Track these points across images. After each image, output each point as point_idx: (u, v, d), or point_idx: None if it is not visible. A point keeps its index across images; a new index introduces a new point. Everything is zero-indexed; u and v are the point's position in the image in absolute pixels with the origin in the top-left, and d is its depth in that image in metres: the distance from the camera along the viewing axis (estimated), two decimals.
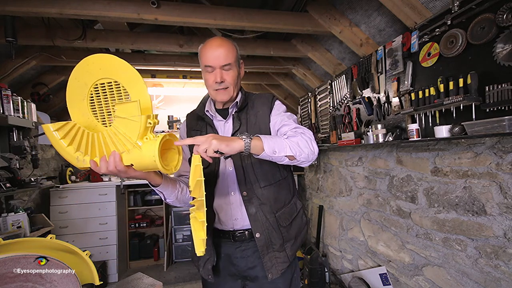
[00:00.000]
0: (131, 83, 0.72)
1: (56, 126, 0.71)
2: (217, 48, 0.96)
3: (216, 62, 0.96)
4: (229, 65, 0.98)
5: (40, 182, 2.25)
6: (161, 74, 3.24)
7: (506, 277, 1.27)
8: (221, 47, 0.97)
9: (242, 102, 1.07)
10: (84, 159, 0.72)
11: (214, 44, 0.97)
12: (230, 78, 1.00)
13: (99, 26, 2.37)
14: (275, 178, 1.05)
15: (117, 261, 2.96)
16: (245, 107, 1.09)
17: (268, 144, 0.83)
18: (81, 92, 0.72)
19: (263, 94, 1.14)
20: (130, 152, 0.71)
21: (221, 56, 0.96)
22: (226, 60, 0.97)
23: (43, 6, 1.67)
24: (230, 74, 1.00)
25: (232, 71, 1.00)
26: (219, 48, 0.96)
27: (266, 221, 1.00)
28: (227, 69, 0.98)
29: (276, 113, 1.07)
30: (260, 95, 1.14)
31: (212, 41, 0.99)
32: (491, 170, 1.31)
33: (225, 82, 0.99)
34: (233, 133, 1.04)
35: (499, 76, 1.16)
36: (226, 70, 0.99)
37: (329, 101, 2.67)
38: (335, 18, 1.98)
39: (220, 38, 1.00)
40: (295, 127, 0.99)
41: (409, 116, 1.66)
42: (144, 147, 0.70)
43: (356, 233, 2.46)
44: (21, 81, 2.58)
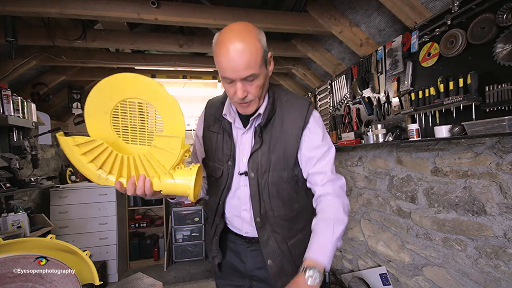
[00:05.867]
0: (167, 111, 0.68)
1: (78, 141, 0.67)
2: (236, 57, 0.73)
3: (236, 75, 0.76)
4: (252, 75, 0.77)
5: (40, 182, 2.25)
6: (161, 74, 3.24)
7: (506, 277, 1.27)
8: (241, 54, 0.73)
9: (268, 113, 0.88)
10: (108, 178, 0.70)
11: (232, 50, 0.73)
12: (255, 90, 0.80)
13: (99, 26, 2.37)
14: (293, 209, 0.94)
15: (117, 261, 2.96)
16: (271, 119, 0.90)
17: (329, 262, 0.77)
18: (105, 105, 0.69)
19: (296, 102, 0.92)
20: (161, 179, 0.70)
21: (242, 67, 0.74)
22: (248, 70, 0.75)
23: (43, 6, 1.67)
24: (254, 84, 0.79)
25: (257, 80, 0.79)
26: (239, 57, 0.73)
27: (278, 249, 0.92)
28: (251, 79, 0.78)
29: (310, 139, 0.89)
30: (293, 104, 0.91)
31: (228, 42, 0.74)
32: (491, 170, 1.31)
33: (249, 96, 0.81)
34: (252, 152, 0.90)
35: (499, 76, 1.16)
36: (250, 81, 0.79)
37: (329, 101, 2.67)
38: (335, 18, 1.98)
39: (239, 35, 0.74)
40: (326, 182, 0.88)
41: (409, 116, 1.66)
42: (177, 177, 0.70)
43: (356, 233, 2.46)
44: (21, 81, 2.58)
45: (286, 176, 0.91)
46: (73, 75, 2.91)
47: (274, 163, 0.90)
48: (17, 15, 1.77)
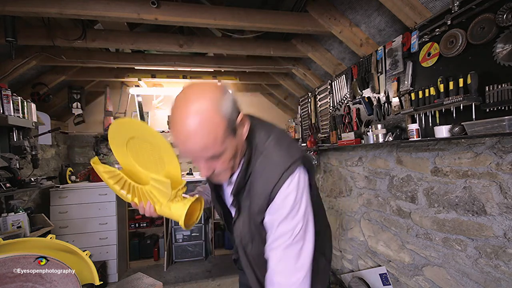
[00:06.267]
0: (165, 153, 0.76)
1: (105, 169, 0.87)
2: (186, 142, 0.63)
3: (193, 158, 0.69)
4: (213, 156, 0.68)
5: (40, 182, 2.25)
6: (161, 74, 3.24)
7: (506, 277, 1.27)
8: (192, 137, 0.62)
9: (239, 182, 0.77)
10: (127, 197, 0.89)
11: (183, 132, 0.63)
12: (222, 165, 0.71)
13: (99, 26, 2.37)
14: None
15: (117, 261, 2.96)
16: (243, 186, 0.79)
17: None
18: (120, 139, 0.82)
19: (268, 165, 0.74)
20: (161, 206, 0.85)
21: (197, 151, 0.65)
22: (206, 152, 0.66)
23: (43, 6, 1.67)
24: (220, 160, 0.70)
25: (224, 155, 0.69)
26: (189, 141, 0.63)
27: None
28: (214, 159, 0.69)
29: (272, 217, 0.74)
30: (264, 166, 0.74)
31: (179, 121, 0.63)
32: (491, 170, 1.31)
33: (216, 171, 0.73)
34: (233, 222, 0.85)
35: (499, 76, 1.16)
36: (213, 160, 0.69)
37: (329, 101, 2.67)
38: (335, 18, 1.98)
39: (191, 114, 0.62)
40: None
41: (409, 116, 1.66)
42: (173, 208, 0.83)
43: (356, 233, 2.46)
44: (21, 81, 2.58)
45: None
46: (73, 75, 2.91)
47: (255, 233, 0.80)
48: (17, 15, 1.77)
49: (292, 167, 0.72)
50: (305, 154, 0.79)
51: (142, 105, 3.60)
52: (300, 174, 0.73)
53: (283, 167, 0.71)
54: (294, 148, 0.77)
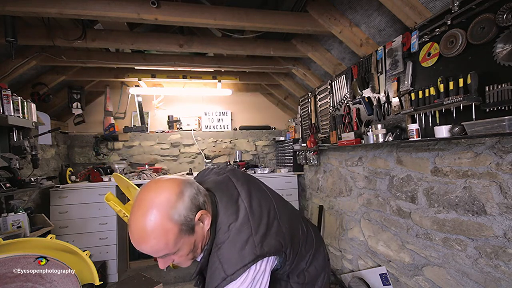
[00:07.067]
0: None
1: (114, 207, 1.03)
2: (139, 245, 0.68)
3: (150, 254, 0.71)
4: (168, 254, 0.71)
5: (40, 182, 2.25)
6: (161, 74, 3.24)
7: (506, 277, 1.27)
8: (143, 243, 0.67)
9: (201, 267, 0.82)
10: None
11: (133, 239, 0.68)
12: (180, 259, 0.75)
13: (99, 26, 2.37)
14: None
15: (117, 261, 2.96)
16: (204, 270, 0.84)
17: None
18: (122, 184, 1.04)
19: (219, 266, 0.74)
20: None
21: (150, 252, 0.69)
22: (159, 253, 0.70)
23: (43, 6, 1.67)
24: (177, 255, 0.74)
25: (180, 251, 0.73)
26: (142, 246, 0.68)
27: None
28: (170, 255, 0.73)
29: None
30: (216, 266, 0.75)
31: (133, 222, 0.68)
32: (491, 170, 1.31)
33: (175, 262, 0.77)
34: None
35: (499, 76, 1.16)
36: (169, 256, 0.73)
37: (329, 101, 2.67)
38: (335, 18, 1.98)
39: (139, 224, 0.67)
40: None
41: (409, 116, 1.66)
42: None
43: (356, 233, 2.46)
44: (21, 81, 2.58)
45: None
46: (73, 75, 2.91)
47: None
48: (17, 15, 1.77)
49: (236, 274, 0.72)
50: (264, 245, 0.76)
51: (142, 105, 3.60)
52: (250, 273, 0.74)
53: (226, 273, 0.72)
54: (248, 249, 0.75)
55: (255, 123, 4.10)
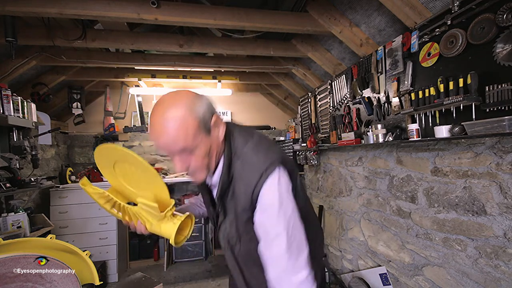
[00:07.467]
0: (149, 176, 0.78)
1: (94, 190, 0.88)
2: (159, 137, 0.70)
3: (167, 151, 0.73)
4: (185, 149, 0.72)
5: (40, 182, 2.25)
6: (161, 74, 3.24)
7: (506, 277, 1.27)
8: (164, 133, 0.69)
9: (222, 184, 0.80)
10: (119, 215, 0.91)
11: (155, 129, 0.71)
12: (195, 162, 0.75)
13: (99, 26, 2.37)
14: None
15: (117, 261, 2.96)
16: (227, 188, 0.81)
17: None
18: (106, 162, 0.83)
19: (248, 166, 0.77)
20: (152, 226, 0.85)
21: (168, 145, 0.71)
22: (177, 146, 0.71)
23: (43, 6, 1.67)
24: (193, 158, 0.74)
25: (197, 151, 0.73)
26: (162, 137, 0.70)
27: None
28: (187, 154, 0.73)
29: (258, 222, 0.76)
30: (244, 168, 0.78)
31: (153, 118, 0.71)
32: (491, 170, 1.31)
33: (190, 167, 0.76)
34: (219, 225, 0.88)
35: (499, 76, 1.16)
36: (186, 155, 0.74)
37: (329, 101, 2.67)
38: (335, 18, 1.98)
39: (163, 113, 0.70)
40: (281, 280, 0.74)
41: (409, 116, 1.66)
42: (163, 228, 0.84)
43: (356, 233, 2.46)
44: (21, 81, 2.58)
45: (256, 246, 0.80)
46: (73, 75, 2.91)
47: (243, 232, 0.82)
48: (17, 15, 1.77)
49: (271, 168, 0.74)
50: (285, 156, 0.82)
51: (142, 105, 3.60)
52: (280, 174, 0.76)
53: (262, 168, 0.74)
54: (272, 151, 0.80)
55: (255, 123, 4.10)
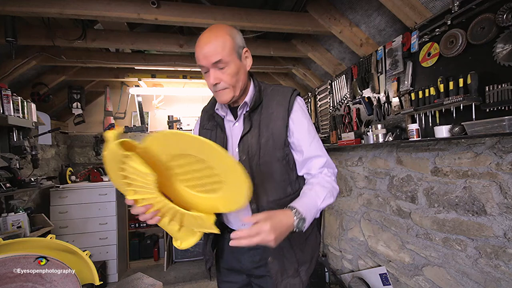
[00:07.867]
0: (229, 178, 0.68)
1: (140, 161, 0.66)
2: (204, 46, 0.84)
3: (206, 61, 0.84)
4: (221, 62, 0.84)
5: (40, 182, 2.25)
6: (161, 74, 3.24)
7: (506, 277, 1.27)
8: (209, 43, 0.83)
9: (255, 101, 0.93)
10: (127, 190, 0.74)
11: (202, 41, 0.85)
12: (226, 77, 0.86)
13: (99, 26, 2.37)
14: (286, 192, 0.94)
15: (117, 261, 2.96)
16: (258, 105, 0.95)
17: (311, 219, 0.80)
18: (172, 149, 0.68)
19: (280, 89, 0.98)
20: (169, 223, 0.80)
21: (210, 53, 0.83)
22: (216, 56, 0.83)
23: (43, 6, 1.67)
24: (226, 72, 0.86)
25: (228, 68, 0.85)
26: (207, 45, 0.83)
27: None
28: (222, 66, 0.85)
29: (296, 121, 0.93)
30: (277, 90, 0.98)
31: (201, 36, 0.86)
32: (491, 170, 1.31)
33: (222, 83, 0.87)
34: (242, 135, 0.93)
35: (499, 76, 1.16)
36: (220, 68, 0.85)
37: (329, 101, 2.67)
38: (335, 18, 1.98)
39: (210, 30, 0.86)
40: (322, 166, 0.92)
41: (409, 116, 1.66)
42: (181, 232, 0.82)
43: (356, 233, 2.46)
44: (21, 81, 2.58)
45: (277, 155, 0.92)
46: (73, 75, 2.91)
47: (264, 144, 0.91)
48: (17, 15, 1.77)
49: (296, 91, 0.98)
50: None
51: (142, 105, 3.60)
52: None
53: (291, 90, 0.98)
54: None
55: None
